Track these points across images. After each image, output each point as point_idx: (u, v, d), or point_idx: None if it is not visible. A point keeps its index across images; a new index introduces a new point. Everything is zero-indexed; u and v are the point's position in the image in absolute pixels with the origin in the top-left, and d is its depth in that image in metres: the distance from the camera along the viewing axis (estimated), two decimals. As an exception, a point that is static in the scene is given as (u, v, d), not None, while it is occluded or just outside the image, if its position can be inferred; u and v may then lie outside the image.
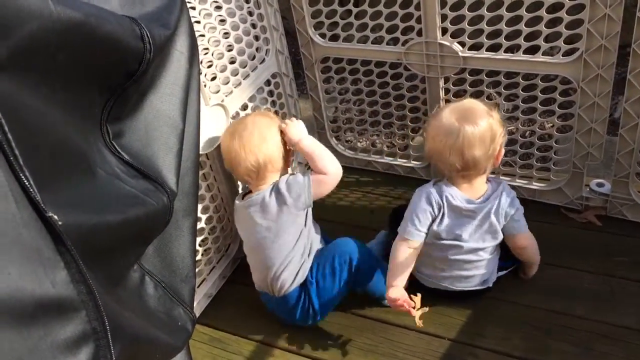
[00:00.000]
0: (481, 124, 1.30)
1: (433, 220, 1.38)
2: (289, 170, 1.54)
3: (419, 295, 1.36)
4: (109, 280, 0.78)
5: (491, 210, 1.36)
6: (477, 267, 1.42)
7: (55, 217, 0.64)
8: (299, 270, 1.43)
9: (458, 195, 1.37)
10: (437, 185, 1.40)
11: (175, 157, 0.95)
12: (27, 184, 0.62)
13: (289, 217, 1.40)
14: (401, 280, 1.39)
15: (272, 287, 1.45)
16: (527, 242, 1.42)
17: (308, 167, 1.49)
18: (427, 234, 1.38)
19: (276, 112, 1.76)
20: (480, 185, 1.38)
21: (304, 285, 1.44)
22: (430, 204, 1.37)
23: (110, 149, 0.88)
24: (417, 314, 1.34)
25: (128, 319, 0.77)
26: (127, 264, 0.89)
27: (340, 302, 1.49)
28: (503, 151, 1.38)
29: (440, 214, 1.38)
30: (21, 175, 0.62)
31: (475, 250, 1.39)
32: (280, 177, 1.45)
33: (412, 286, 1.51)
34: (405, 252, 1.38)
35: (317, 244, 1.50)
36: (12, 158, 0.61)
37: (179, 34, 0.97)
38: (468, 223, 1.37)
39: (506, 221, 1.38)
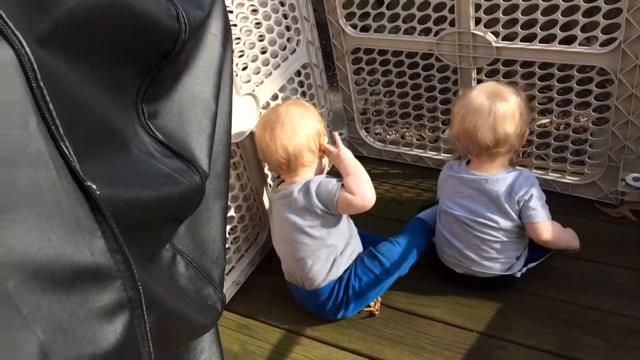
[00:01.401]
0: (511, 100, 1.34)
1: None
2: (325, 167, 1.52)
3: None
4: (142, 255, 0.80)
5: (498, 189, 1.38)
6: (494, 248, 1.41)
7: (94, 186, 0.65)
8: (331, 267, 1.43)
9: (465, 170, 1.43)
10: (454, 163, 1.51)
11: (207, 139, 0.97)
12: (67, 153, 0.64)
13: (316, 215, 1.40)
14: None
15: (303, 281, 1.46)
16: (545, 235, 1.39)
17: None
18: None
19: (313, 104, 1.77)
20: (498, 167, 1.41)
21: (339, 281, 1.44)
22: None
23: (145, 128, 0.89)
24: None
25: (161, 292, 0.79)
26: (160, 241, 0.91)
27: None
28: (528, 131, 1.42)
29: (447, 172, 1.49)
30: (62, 144, 0.63)
31: (486, 227, 1.40)
32: (315, 174, 1.45)
33: (439, 271, 1.52)
34: None
35: (354, 241, 1.48)
36: (53, 128, 0.63)
37: (213, 16, 0.99)
38: (474, 196, 1.41)
39: (519, 207, 1.37)
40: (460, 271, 1.47)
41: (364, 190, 1.37)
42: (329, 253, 1.43)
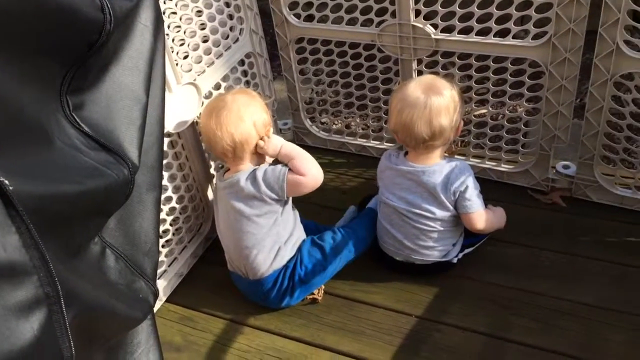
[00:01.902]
0: (445, 94, 1.38)
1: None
2: (267, 159, 1.52)
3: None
4: (66, 250, 0.79)
5: (435, 180, 1.42)
6: (432, 237, 1.46)
7: (6, 181, 0.64)
8: (275, 256, 1.44)
9: (403, 162, 1.46)
10: (393, 153, 1.53)
11: (137, 131, 0.96)
12: (-24, 148, 0.62)
13: (263, 203, 1.41)
14: None
15: (247, 270, 1.46)
16: (480, 224, 1.45)
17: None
18: None
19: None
20: (435, 158, 1.45)
21: (283, 270, 1.45)
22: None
23: (70, 120, 0.88)
24: None
25: (84, 287, 0.78)
26: (86, 235, 0.90)
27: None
28: (462, 123, 1.47)
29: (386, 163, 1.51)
30: (-30, 139, 0.62)
31: (424, 218, 1.44)
32: (259, 163, 1.45)
33: (381, 259, 1.56)
34: None
35: (297, 230, 1.50)
36: (-40, 122, 0.61)
37: (143, 7, 0.97)
38: (411, 187, 1.45)
39: (455, 197, 1.42)
40: (400, 259, 1.51)
41: (311, 170, 1.41)
42: (274, 242, 1.44)
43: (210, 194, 1.67)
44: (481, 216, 1.44)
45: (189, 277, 1.66)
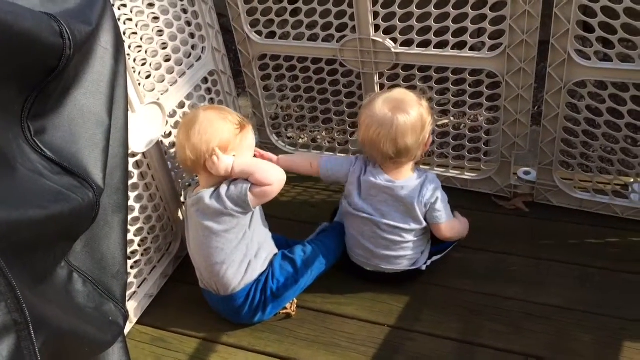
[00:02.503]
0: (412, 114, 1.38)
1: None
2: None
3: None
4: (33, 276, 0.78)
5: (413, 195, 1.43)
6: (403, 247, 1.48)
7: (-32, 210, 0.64)
8: (246, 270, 1.44)
9: (380, 174, 1.45)
10: (367, 161, 1.50)
11: (101, 153, 0.95)
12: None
13: (231, 217, 1.41)
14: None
15: (218, 286, 1.46)
16: (449, 233, 1.49)
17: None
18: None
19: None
20: (406, 172, 1.46)
21: (255, 284, 1.45)
22: (352, 163, 1.51)
23: (32, 145, 0.87)
24: None
25: (52, 312, 0.77)
26: (52, 260, 0.89)
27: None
28: (431, 139, 1.48)
29: (358, 172, 1.49)
30: None
31: (397, 230, 1.46)
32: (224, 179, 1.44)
33: (350, 270, 1.57)
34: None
35: (268, 244, 1.51)
36: None
37: (102, 30, 0.97)
38: (388, 201, 1.45)
39: (427, 209, 1.45)
40: (370, 269, 1.53)
41: (273, 176, 1.40)
42: (244, 256, 1.44)
43: (178, 213, 1.66)
44: (450, 225, 1.48)
45: (160, 297, 1.64)
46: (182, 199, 1.66)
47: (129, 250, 1.38)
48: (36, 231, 0.78)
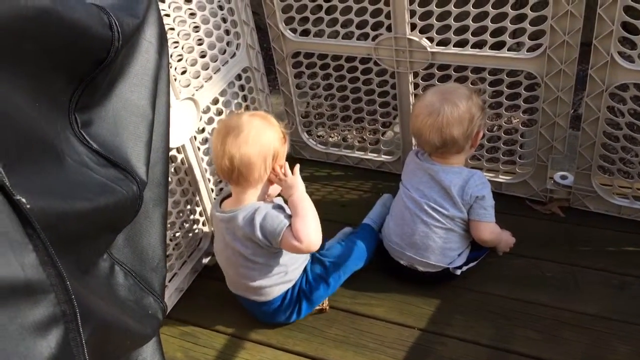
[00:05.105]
0: (460, 106, 1.40)
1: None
2: (272, 193, 1.44)
3: None
4: (78, 267, 0.78)
5: (452, 180, 1.44)
6: (440, 236, 1.46)
7: (24, 200, 0.64)
8: (281, 280, 1.42)
9: (427, 159, 1.49)
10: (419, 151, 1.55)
11: (144, 147, 0.95)
12: (-6, 167, 0.62)
13: (257, 246, 1.36)
14: None
15: (249, 295, 1.45)
16: (489, 235, 1.47)
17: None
18: None
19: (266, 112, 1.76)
20: (454, 163, 1.47)
21: (291, 290, 1.44)
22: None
23: (79, 137, 0.87)
24: None
25: (97, 304, 0.78)
26: (97, 252, 0.89)
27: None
28: (482, 134, 1.49)
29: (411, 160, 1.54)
30: (-12, 159, 0.61)
31: (436, 212, 1.45)
32: (259, 198, 1.38)
33: (384, 265, 1.56)
34: None
35: (302, 256, 1.47)
36: (-23, 140, 0.61)
37: (148, 23, 0.97)
38: (429, 182, 1.47)
39: (471, 202, 1.44)
40: (405, 263, 1.51)
41: (310, 237, 1.30)
42: (279, 270, 1.41)
43: (209, 208, 1.66)
44: (491, 227, 1.46)
45: (189, 292, 1.64)
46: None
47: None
48: (83, 223, 0.78)
